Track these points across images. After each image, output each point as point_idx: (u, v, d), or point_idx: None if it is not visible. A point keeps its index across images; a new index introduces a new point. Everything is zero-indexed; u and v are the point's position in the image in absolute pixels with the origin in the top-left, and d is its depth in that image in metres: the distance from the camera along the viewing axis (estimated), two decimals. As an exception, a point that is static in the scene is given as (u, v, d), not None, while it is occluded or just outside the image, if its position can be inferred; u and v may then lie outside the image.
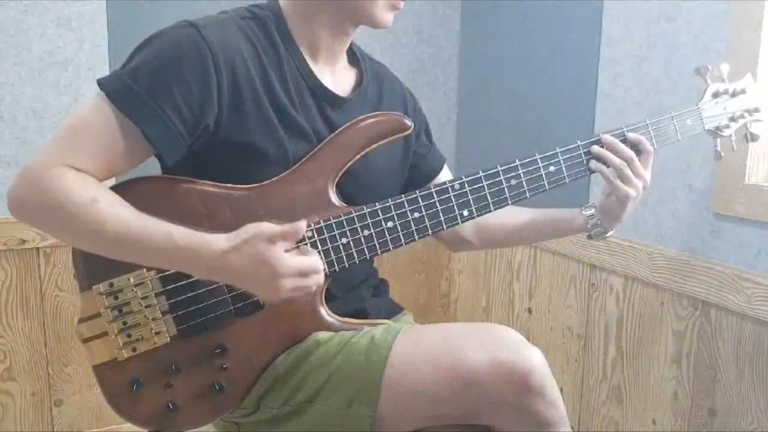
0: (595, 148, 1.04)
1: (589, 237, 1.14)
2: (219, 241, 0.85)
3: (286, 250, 0.86)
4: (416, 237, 1.00)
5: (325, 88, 1.02)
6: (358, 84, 1.09)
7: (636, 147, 1.05)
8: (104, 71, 1.73)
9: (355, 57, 1.11)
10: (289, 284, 0.85)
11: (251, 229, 0.85)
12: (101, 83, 0.90)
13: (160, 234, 0.86)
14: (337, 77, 1.06)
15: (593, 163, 1.05)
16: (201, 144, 0.94)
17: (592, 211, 1.12)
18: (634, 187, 1.04)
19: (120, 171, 0.92)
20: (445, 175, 1.23)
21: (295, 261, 0.85)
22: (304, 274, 0.86)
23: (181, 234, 0.86)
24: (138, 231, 0.86)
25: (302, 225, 0.86)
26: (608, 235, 1.13)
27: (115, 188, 0.92)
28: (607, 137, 1.05)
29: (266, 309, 0.96)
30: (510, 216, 1.19)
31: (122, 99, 0.88)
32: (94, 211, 0.85)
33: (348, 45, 1.07)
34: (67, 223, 0.87)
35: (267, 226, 0.85)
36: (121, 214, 0.86)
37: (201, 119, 0.91)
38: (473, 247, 1.26)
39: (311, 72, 1.01)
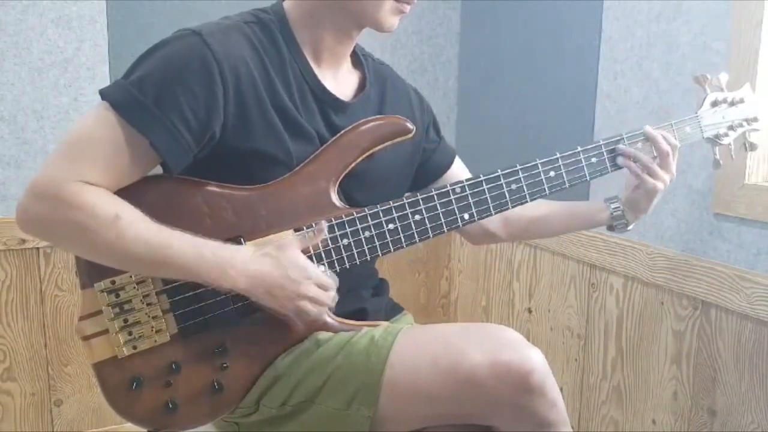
0: (622, 147, 1.07)
1: (610, 228, 1.17)
2: (247, 248, 0.92)
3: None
4: (417, 239, 1.01)
5: (328, 92, 1.02)
6: (362, 87, 1.09)
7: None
8: (104, 71, 1.73)
9: (358, 59, 1.11)
10: (312, 291, 0.91)
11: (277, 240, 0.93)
12: (105, 94, 0.89)
13: (189, 243, 0.88)
14: (340, 81, 1.06)
15: (621, 159, 1.08)
16: (206, 151, 0.94)
17: (618, 204, 1.14)
18: (662, 181, 1.08)
19: (127, 181, 0.91)
20: (457, 167, 1.23)
21: (316, 270, 0.93)
22: (322, 286, 0.93)
23: (208, 242, 0.89)
24: (163, 244, 0.88)
25: (323, 224, 0.95)
26: (629, 228, 1.16)
27: (120, 189, 0.92)
28: (650, 130, 1.07)
29: (266, 308, 0.97)
30: (535, 208, 1.20)
31: (129, 109, 0.88)
32: (117, 228, 0.86)
33: (352, 48, 1.07)
34: (87, 240, 0.88)
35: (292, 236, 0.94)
36: (144, 230, 0.88)
37: (207, 128, 0.91)
38: (499, 239, 1.27)
39: (314, 75, 1.01)
